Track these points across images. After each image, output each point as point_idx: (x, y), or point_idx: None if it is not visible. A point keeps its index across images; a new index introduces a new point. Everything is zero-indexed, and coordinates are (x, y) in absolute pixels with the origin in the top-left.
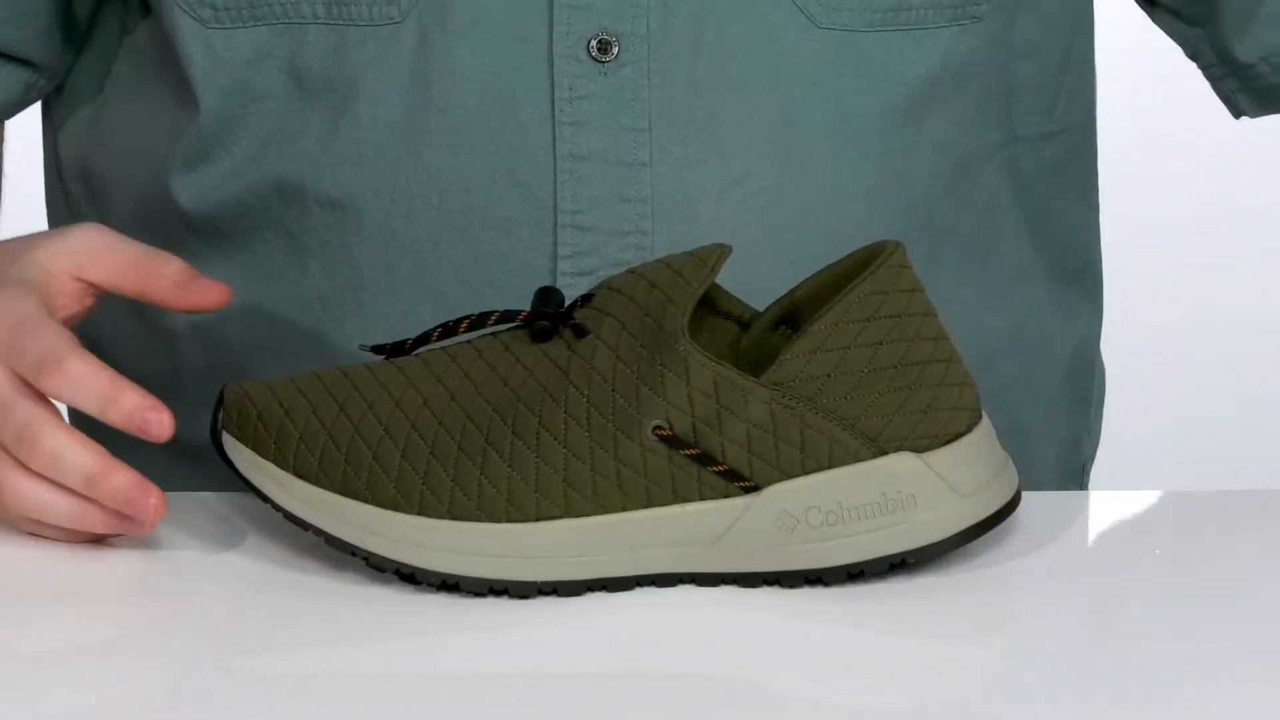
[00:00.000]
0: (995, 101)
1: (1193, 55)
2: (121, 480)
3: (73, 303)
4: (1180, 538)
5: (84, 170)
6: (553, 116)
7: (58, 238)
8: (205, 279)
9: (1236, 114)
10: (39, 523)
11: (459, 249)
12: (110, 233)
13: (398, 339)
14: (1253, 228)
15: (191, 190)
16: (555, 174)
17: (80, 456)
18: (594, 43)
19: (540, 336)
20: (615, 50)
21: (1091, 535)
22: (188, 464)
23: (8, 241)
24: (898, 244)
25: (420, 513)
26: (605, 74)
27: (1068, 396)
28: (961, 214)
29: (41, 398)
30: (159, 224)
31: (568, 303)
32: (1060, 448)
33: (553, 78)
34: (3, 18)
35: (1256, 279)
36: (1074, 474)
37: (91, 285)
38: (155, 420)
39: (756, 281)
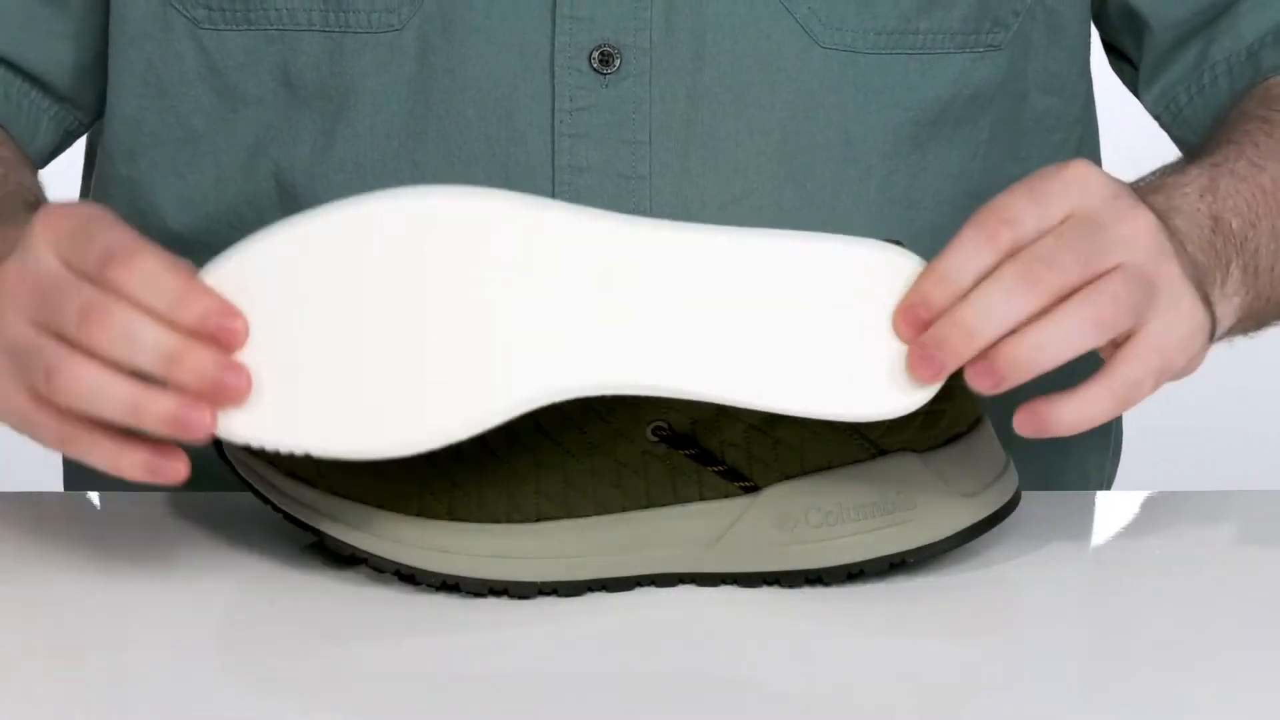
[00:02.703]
0: (1012, 133)
1: (1143, 102)
2: (205, 359)
3: None
4: (1180, 538)
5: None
6: (552, 127)
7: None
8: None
9: None
10: (69, 430)
11: None
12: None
13: None
14: None
15: (179, 202)
16: (554, 185)
17: (159, 331)
18: (596, 54)
19: None
20: (617, 62)
21: (1091, 535)
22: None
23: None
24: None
25: (420, 513)
26: (606, 86)
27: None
28: None
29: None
30: None
31: None
32: (1073, 478)
33: (553, 88)
34: (60, 50)
35: None
36: None
37: None
38: (228, 330)
39: None
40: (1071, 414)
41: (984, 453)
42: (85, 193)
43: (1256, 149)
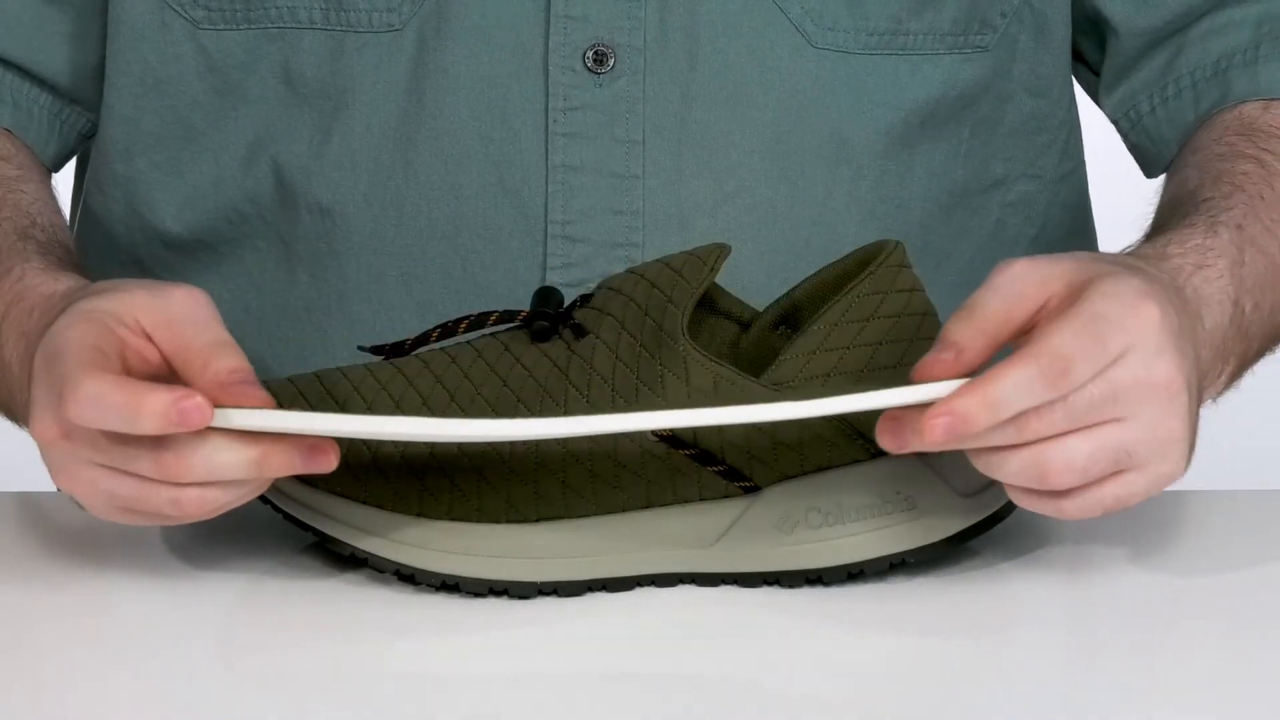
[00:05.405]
0: (994, 133)
1: (1100, 105)
2: (289, 445)
3: (142, 360)
4: (1180, 538)
5: (84, 211)
6: (546, 127)
7: (155, 284)
8: (251, 387)
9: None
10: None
11: (448, 258)
12: (207, 305)
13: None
14: None
15: (178, 200)
16: (547, 184)
17: (235, 452)
18: (590, 54)
19: (540, 337)
20: (611, 62)
21: (1092, 535)
22: None
23: (107, 281)
24: (897, 243)
25: (420, 514)
26: (600, 85)
27: None
28: (958, 243)
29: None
30: (137, 252)
31: (567, 303)
32: None
33: (547, 88)
34: (66, 52)
35: None
36: None
37: (148, 338)
38: (193, 409)
39: (749, 296)
40: (1020, 502)
41: None
42: (79, 190)
43: (1265, 204)
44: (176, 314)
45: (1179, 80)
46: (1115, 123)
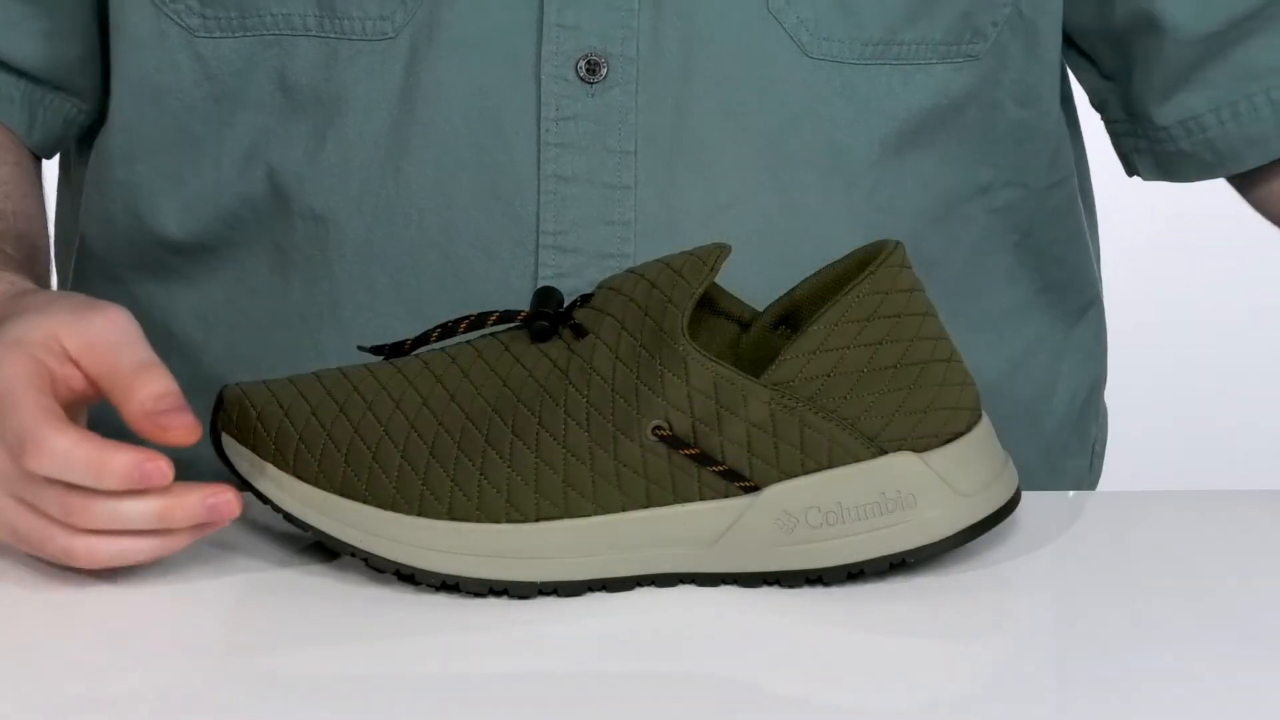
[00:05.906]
0: (982, 141)
1: (1099, 106)
2: (194, 498)
3: (68, 389)
4: (1180, 538)
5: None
6: (538, 136)
7: (77, 304)
8: (178, 415)
9: (1130, 173)
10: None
11: (439, 266)
12: (130, 326)
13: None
14: (1250, 225)
15: (180, 206)
16: (539, 194)
17: (140, 502)
18: (582, 63)
19: (540, 337)
20: (604, 71)
21: (1091, 535)
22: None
23: (35, 293)
24: (897, 244)
25: (420, 513)
26: (593, 95)
27: (1069, 437)
28: (949, 250)
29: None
30: (137, 255)
31: (567, 303)
32: (1059, 489)
33: (539, 97)
34: (43, 47)
35: (1259, 278)
36: None
37: (74, 363)
38: (154, 470)
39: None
40: None
41: (984, 452)
42: (63, 192)
43: None
44: (99, 336)
45: (1252, 97)
46: (1164, 129)
